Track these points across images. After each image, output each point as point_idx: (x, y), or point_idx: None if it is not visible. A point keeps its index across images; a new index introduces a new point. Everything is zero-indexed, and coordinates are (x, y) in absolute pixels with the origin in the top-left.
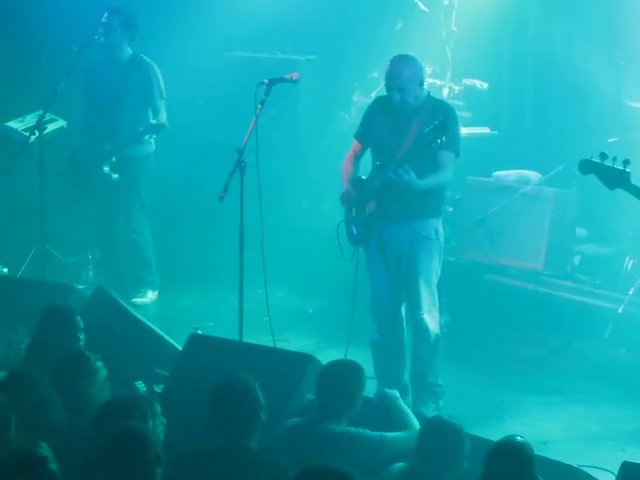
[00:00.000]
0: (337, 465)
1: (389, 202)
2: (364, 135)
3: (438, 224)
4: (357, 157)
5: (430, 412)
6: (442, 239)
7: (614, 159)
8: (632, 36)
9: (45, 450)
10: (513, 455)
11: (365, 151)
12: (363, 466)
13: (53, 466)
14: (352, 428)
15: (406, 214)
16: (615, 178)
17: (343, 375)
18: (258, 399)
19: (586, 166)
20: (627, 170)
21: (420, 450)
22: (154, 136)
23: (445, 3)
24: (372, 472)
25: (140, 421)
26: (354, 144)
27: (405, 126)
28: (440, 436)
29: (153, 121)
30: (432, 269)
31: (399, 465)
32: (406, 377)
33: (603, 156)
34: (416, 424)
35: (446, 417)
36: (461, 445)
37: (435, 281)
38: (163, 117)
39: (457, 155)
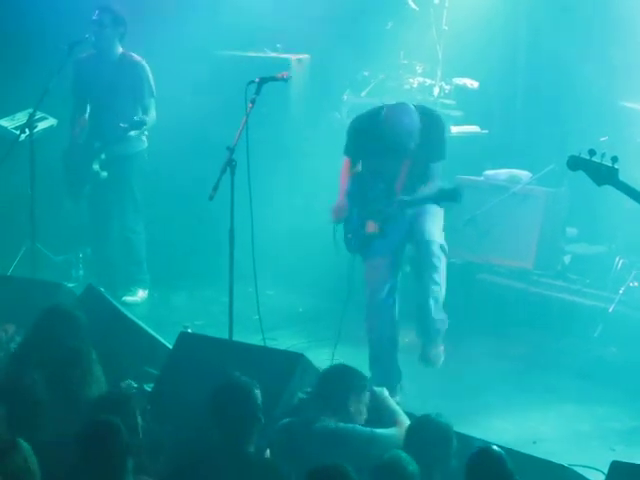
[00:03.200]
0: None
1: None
2: (354, 154)
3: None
4: (351, 169)
5: (439, 352)
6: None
7: (602, 155)
8: (624, 35)
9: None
10: (493, 469)
11: (357, 164)
12: (354, 462)
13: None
14: (343, 424)
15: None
16: (603, 174)
17: (349, 378)
18: (258, 402)
19: (574, 162)
20: (615, 167)
21: (408, 448)
22: (146, 133)
23: (436, 2)
24: (362, 469)
25: (129, 418)
26: (345, 160)
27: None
28: (427, 434)
29: (136, 117)
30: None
31: None
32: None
33: (592, 152)
34: (406, 421)
35: (434, 415)
36: (448, 443)
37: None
38: (152, 115)
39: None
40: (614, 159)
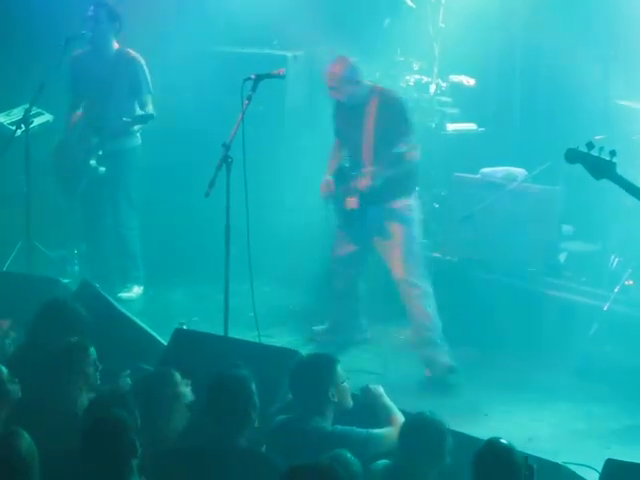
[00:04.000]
0: (320, 462)
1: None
2: (335, 130)
3: (411, 200)
4: (339, 149)
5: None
6: (417, 212)
7: (601, 149)
8: (620, 33)
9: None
10: (502, 460)
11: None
12: None
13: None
14: (339, 426)
15: (382, 199)
16: (601, 168)
17: (320, 373)
18: (253, 395)
19: (573, 155)
20: (613, 161)
21: (402, 446)
22: (140, 128)
23: None
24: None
25: (129, 415)
26: (335, 140)
27: (358, 121)
28: (421, 432)
29: (140, 112)
30: (411, 238)
31: (383, 462)
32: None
33: (590, 146)
34: (401, 419)
35: (427, 413)
36: (442, 440)
37: (417, 248)
38: (150, 110)
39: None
40: (612, 153)
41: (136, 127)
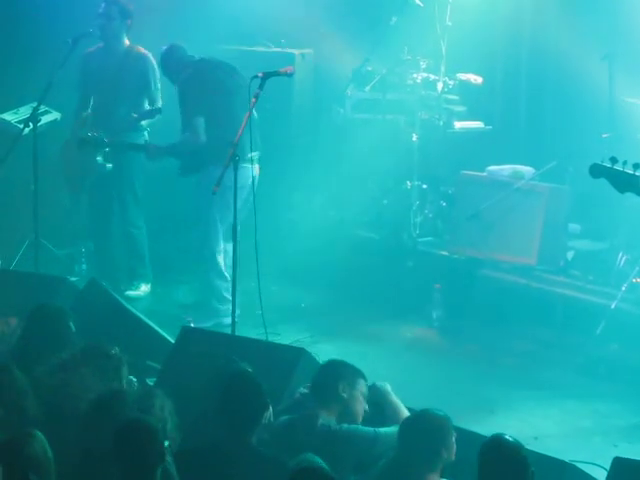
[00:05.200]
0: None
1: None
2: None
3: None
4: None
5: None
6: None
7: (624, 163)
8: (626, 31)
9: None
10: (508, 455)
11: None
12: (358, 461)
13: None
14: (346, 425)
15: None
16: (625, 182)
17: (339, 367)
18: (264, 395)
19: (597, 170)
20: (637, 174)
21: (400, 440)
22: (147, 128)
23: None
24: (366, 467)
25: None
26: None
27: None
28: (420, 426)
29: (148, 107)
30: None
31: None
32: None
33: (613, 160)
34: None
35: (432, 409)
36: (442, 436)
37: None
38: (159, 105)
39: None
40: (635, 166)
41: (144, 122)
